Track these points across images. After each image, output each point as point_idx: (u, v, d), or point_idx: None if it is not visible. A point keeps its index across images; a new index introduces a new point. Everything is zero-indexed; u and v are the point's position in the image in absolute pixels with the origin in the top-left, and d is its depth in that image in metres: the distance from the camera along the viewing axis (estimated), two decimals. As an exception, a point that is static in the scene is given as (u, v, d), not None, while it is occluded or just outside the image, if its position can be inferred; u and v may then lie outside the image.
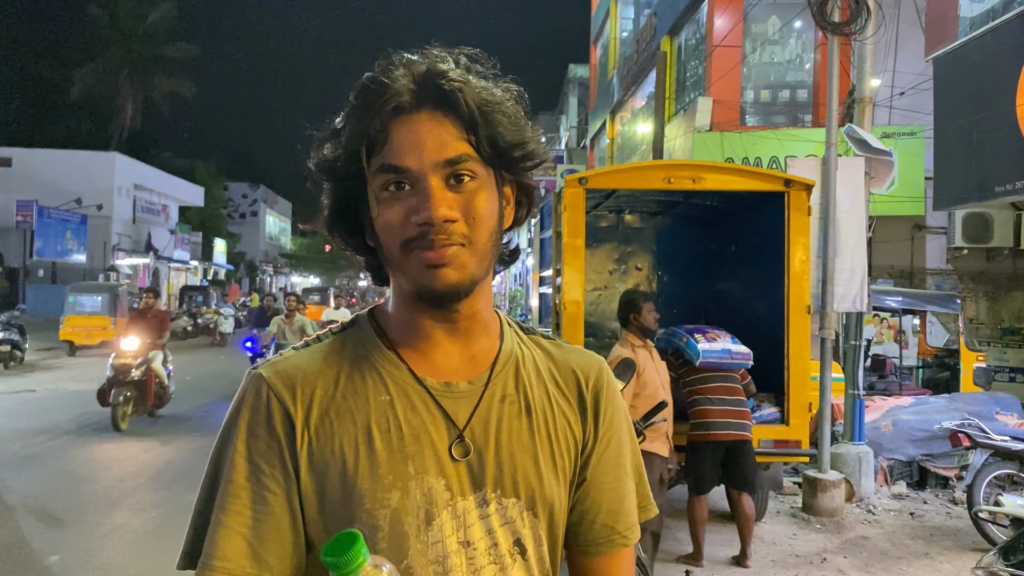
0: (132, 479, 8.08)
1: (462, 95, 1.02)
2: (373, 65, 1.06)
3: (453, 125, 1.02)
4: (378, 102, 1.02)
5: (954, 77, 9.73)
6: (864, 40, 7.94)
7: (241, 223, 60.74)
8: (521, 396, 1.12)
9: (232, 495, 1.02)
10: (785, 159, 10.20)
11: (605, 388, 1.18)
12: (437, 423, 1.06)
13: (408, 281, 1.05)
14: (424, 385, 1.07)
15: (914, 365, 12.07)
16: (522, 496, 1.08)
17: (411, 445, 1.04)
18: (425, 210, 1.00)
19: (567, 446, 1.13)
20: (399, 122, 1.02)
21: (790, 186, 6.67)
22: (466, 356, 1.11)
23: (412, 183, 1.02)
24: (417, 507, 1.02)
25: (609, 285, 8.92)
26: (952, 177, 9.84)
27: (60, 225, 30.69)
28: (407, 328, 1.10)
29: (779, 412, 6.63)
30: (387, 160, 1.02)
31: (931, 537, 6.86)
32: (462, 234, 1.01)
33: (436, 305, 1.06)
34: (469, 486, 1.06)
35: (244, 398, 1.06)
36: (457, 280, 1.02)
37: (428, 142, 1.01)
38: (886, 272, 13.69)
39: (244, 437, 1.04)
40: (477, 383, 1.10)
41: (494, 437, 1.08)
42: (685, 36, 18.53)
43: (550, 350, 1.20)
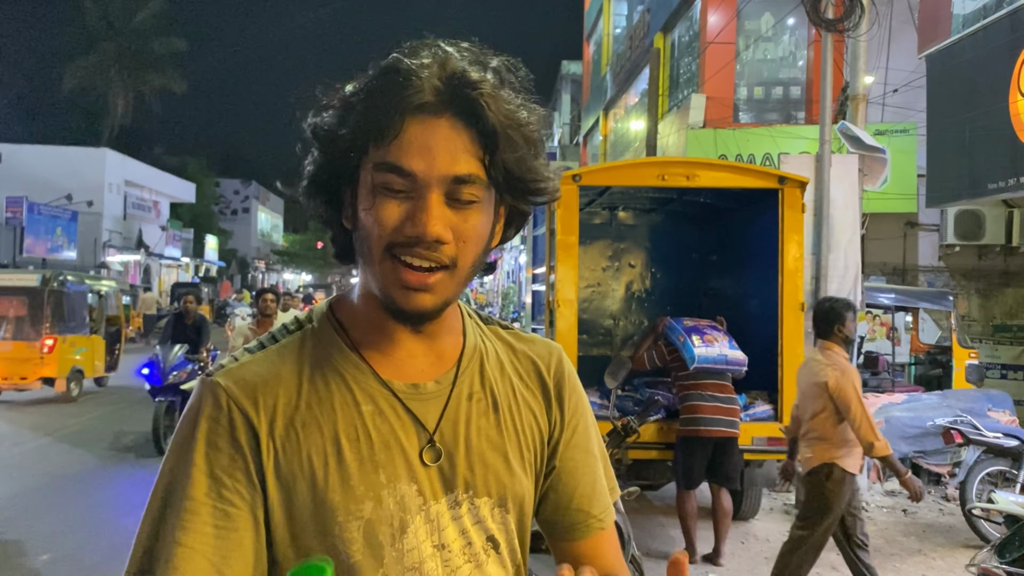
0: (126, 476, 8.04)
1: (488, 111, 0.95)
2: (386, 50, 0.99)
3: (470, 139, 0.96)
4: (400, 94, 0.95)
5: (947, 74, 9.74)
6: (857, 37, 7.94)
7: (233, 220, 60.48)
8: (488, 392, 1.09)
9: (191, 512, 0.95)
10: (778, 156, 10.20)
11: (566, 376, 1.17)
12: (407, 428, 1.03)
13: (379, 288, 0.99)
14: (391, 388, 1.03)
15: (907, 362, 12.09)
16: (493, 494, 1.06)
17: (381, 453, 1.01)
18: (420, 224, 0.94)
19: (533, 438, 1.12)
20: (416, 121, 0.95)
21: (784, 183, 6.67)
22: (432, 355, 1.08)
23: (413, 189, 0.96)
24: (391, 516, 1.00)
25: (602, 282, 8.90)
26: (945, 174, 9.85)
27: (50, 221, 30.52)
28: (370, 327, 1.05)
29: (772, 409, 6.63)
30: (394, 159, 0.95)
31: (924, 534, 6.87)
32: (449, 256, 0.97)
33: (402, 322, 1.02)
34: (441, 489, 1.03)
35: (201, 408, 0.99)
36: (431, 305, 0.99)
37: (440, 151, 0.95)
38: (879, 269, 13.71)
39: (203, 450, 0.97)
40: (444, 382, 1.07)
41: (464, 437, 1.06)
42: (678, 33, 18.52)
43: (510, 341, 1.18)
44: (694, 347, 6.02)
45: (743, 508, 6.96)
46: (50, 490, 7.63)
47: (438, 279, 0.97)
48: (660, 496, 7.63)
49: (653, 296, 8.96)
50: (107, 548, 5.92)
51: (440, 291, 0.98)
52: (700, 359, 5.98)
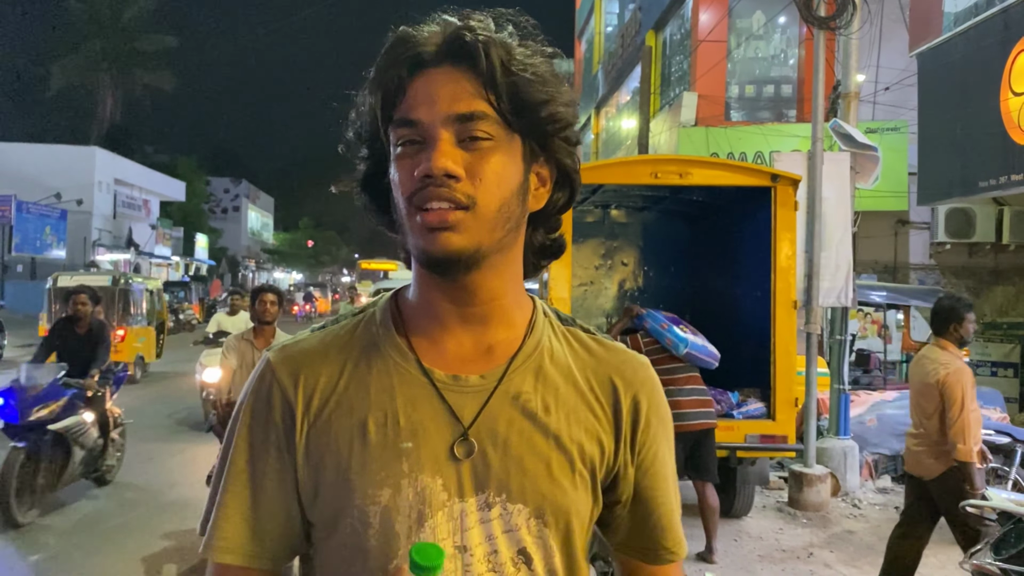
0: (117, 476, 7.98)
1: (484, 49, 0.96)
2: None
3: (472, 81, 0.96)
4: (401, 53, 0.98)
5: (938, 72, 9.77)
6: (849, 35, 7.95)
7: (223, 218, 60.26)
8: (539, 396, 1.03)
9: (233, 477, 1.03)
10: (770, 154, 10.21)
11: (647, 396, 1.09)
12: (439, 419, 1.00)
13: (413, 245, 0.98)
14: (430, 377, 1.01)
15: (898, 359, 12.13)
16: (530, 502, 1.00)
17: (407, 441, 0.98)
18: (426, 161, 0.94)
19: (592, 454, 1.04)
20: (419, 76, 0.98)
21: (776, 181, 6.66)
22: (481, 347, 1.03)
23: (423, 137, 0.96)
24: (409, 506, 0.97)
25: (595, 280, 8.89)
26: (936, 172, 9.88)
27: (39, 220, 30.36)
28: (422, 312, 1.04)
29: (765, 407, 6.63)
30: (402, 114, 0.97)
31: (916, 531, 6.87)
32: (465, 193, 0.94)
33: (438, 272, 0.98)
34: (471, 487, 0.99)
35: (253, 382, 1.06)
36: (458, 245, 0.95)
37: (442, 95, 0.96)
38: (870, 267, 13.75)
39: (248, 421, 1.04)
40: (490, 378, 1.02)
41: (502, 438, 1.00)
42: (670, 31, 18.53)
43: (589, 346, 1.10)
44: (682, 334, 6.00)
45: (736, 506, 6.96)
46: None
47: (459, 218, 0.94)
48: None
49: (646, 294, 8.95)
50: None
51: (466, 231, 0.95)
52: (691, 345, 5.97)
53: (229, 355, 5.53)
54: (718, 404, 6.73)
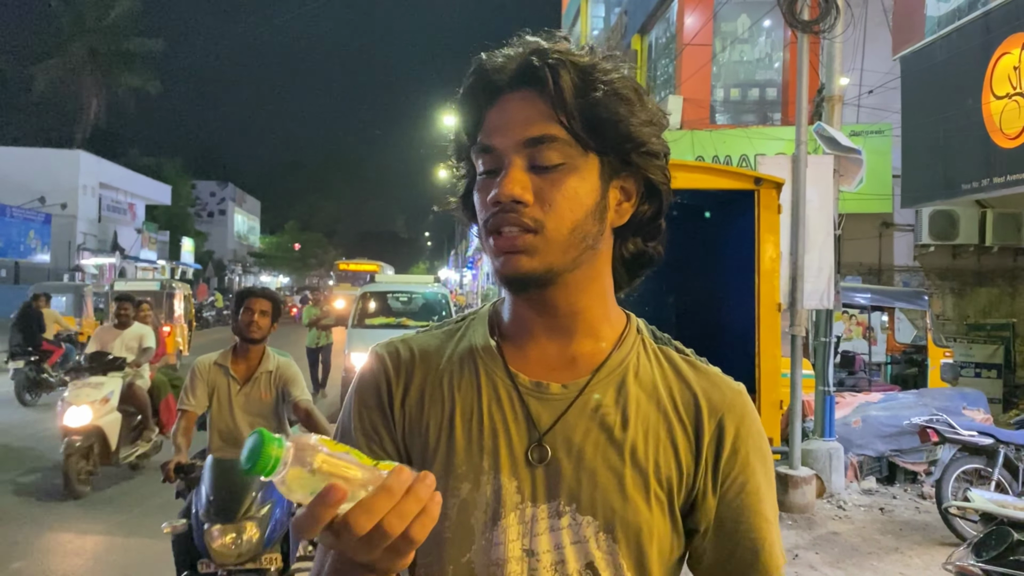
0: (100, 484, 7.92)
1: (553, 71, 0.97)
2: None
3: (544, 104, 0.98)
4: (475, 82, 1.03)
5: (921, 76, 9.83)
6: (833, 38, 7.98)
7: (209, 222, 60.01)
8: (619, 410, 1.02)
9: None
10: (755, 157, 10.25)
11: (736, 423, 1.05)
12: (519, 423, 1.02)
13: (491, 266, 1.04)
14: (514, 380, 1.04)
15: (883, 361, 12.18)
16: (599, 516, 0.99)
17: (489, 440, 1.02)
18: (496, 188, 0.97)
19: (667, 474, 1.02)
20: (495, 106, 1.01)
21: (760, 184, 6.68)
22: (565, 357, 1.05)
23: (498, 164, 0.99)
24: (486, 503, 1.00)
25: (581, 283, 8.89)
26: (919, 175, 9.94)
27: (23, 224, 30.13)
28: (512, 320, 1.09)
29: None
30: (480, 140, 1.01)
31: (901, 532, 6.91)
32: (533, 218, 0.96)
33: (513, 291, 1.04)
34: (543, 494, 1.00)
35: (361, 373, 1.11)
36: (528, 268, 0.98)
37: (514, 121, 0.99)
38: (855, 269, 13.82)
39: (358, 410, 1.08)
40: (571, 388, 1.03)
41: (577, 448, 1.01)
42: (655, 34, 18.58)
43: (678, 366, 1.09)
44: None
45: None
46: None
47: (528, 242, 0.97)
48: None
49: (631, 297, 8.93)
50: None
51: (536, 254, 0.97)
52: None
53: (194, 388, 4.12)
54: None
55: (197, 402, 4.12)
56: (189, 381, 4.14)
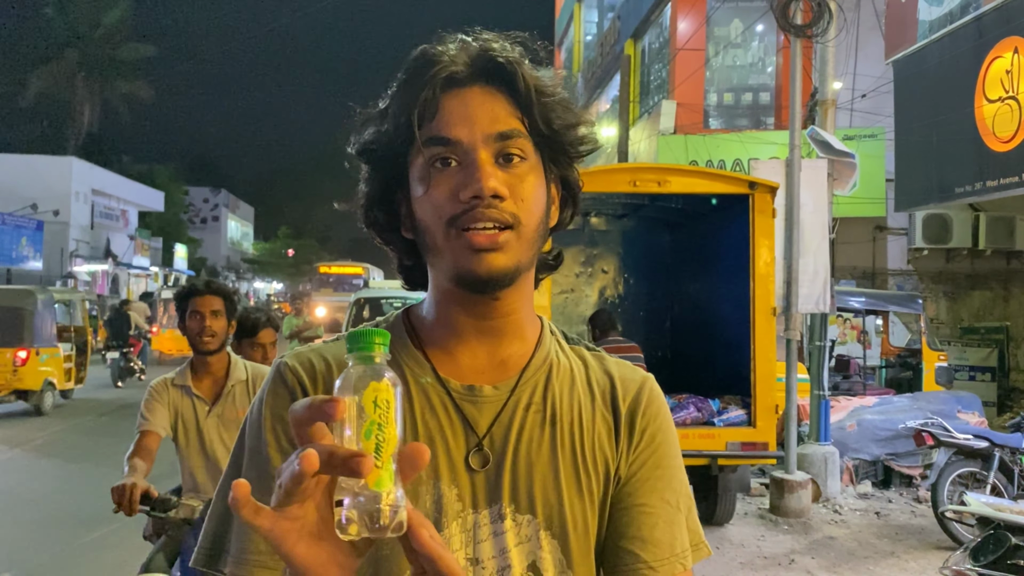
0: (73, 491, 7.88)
1: (519, 71, 0.98)
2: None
3: (506, 101, 0.98)
4: (430, 72, 0.97)
5: (914, 80, 9.85)
6: (826, 43, 8.00)
7: (202, 228, 59.92)
8: (548, 406, 1.03)
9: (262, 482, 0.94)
10: (749, 161, 10.25)
11: (646, 406, 1.07)
12: (455, 429, 1.00)
13: (449, 266, 0.97)
14: (446, 387, 1.01)
15: (877, 365, 12.19)
16: (539, 514, 0.99)
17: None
18: (475, 182, 0.93)
19: (595, 463, 1.03)
20: (451, 95, 0.97)
21: (754, 188, 6.68)
22: (495, 360, 1.04)
23: (461, 157, 0.95)
24: (426, 514, 0.95)
25: (576, 288, 8.88)
26: (913, 179, 9.96)
27: (15, 231, 30.01)
28: (437, 325, 1.04)
29: (746, 414, 6.63)
30: (436, 132, 0.96)
31: (896, 536, 6.90)
32: (511, 213, 0.95)
33: (477, 291, 0.98)
34: (484, 499, 0.98)
35: (268, 387, 1.01)
36: (503, 265, 0.95)
37: (480, 115, 0.96)
38: (848, 273, 13.83)
39: (271, 426, 0.98)
40: (503, 388, 1.02)
41: (513, 447, 1.00)
42: (649, 39, 18.61)
43: (591, 362, 1.11)
44: None
45: (717, 513, 6.95)
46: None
47: (506, 238, 0.95)
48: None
49: (627, 301, 8.96)
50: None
51: (510, 251, 0.95)
52: None
53: (151, 409, 3.36)
54: (699, 412, 6.72)
55: (157, 421, 3.31)
56: (144, 403, 3.36)
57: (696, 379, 7.43)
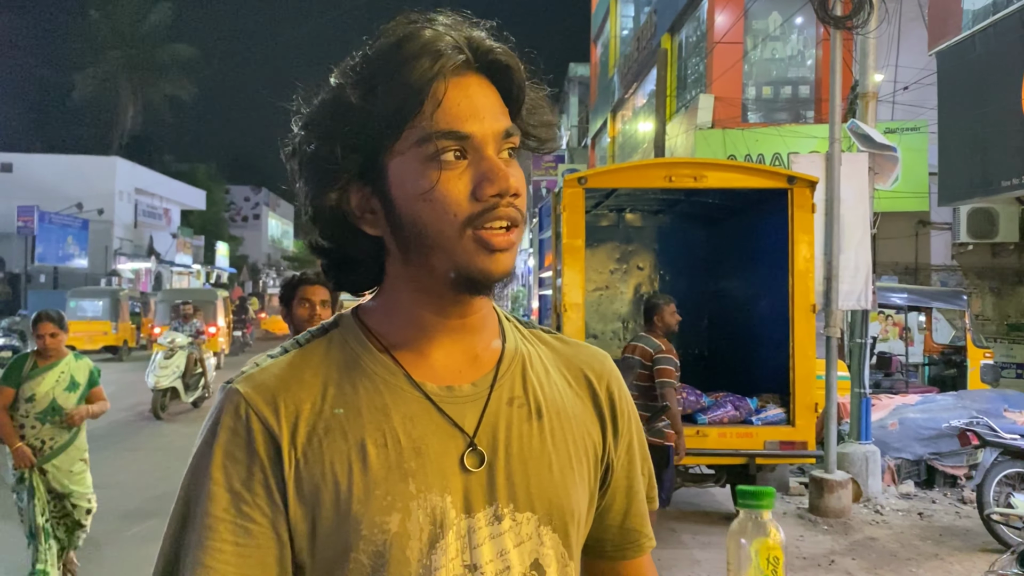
0: (120, 486, 8.00)
1: (514, 67, 0.96)
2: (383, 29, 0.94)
3: (498, 97, 0.95)
4: (435, 58, 0.90)
5: (958, 71, 9.63)
6: (867, 34, 7.84)
7: (243, 226, 60.68)
8: (531, 398, 1.00)
9: (211, 529, 0.89)
10: (788, 156, 10.11)
11: (617, 386, 1.10)
12: (441, 433, 0.94)
13: (455, 266, 0.92)
14: (423, 391, 0.95)
15: (920, 362, 11.97)
16: (538, 509, 0.96)
17: (411, 461, 0.92)
18: (500, 179, 0.90)
19: (585, 450, 1.03)
20: (453, 83, 0.92)
21: (793, 183, 6.59)
22: (469, 356, 1.00)
23: (471, 152, 0.91)
24: (420, 529, 0.91)
25: (611, 285, 8.83)
26: (957, 172, 9.74)
27: (61, 230, 30.67)
28: (405, 325, 0.98)
29: (784, 413, 6.55)
30: (444, 125, 0.90)
31: (940, 538, 6.76)
32: (521, 212, 0.93)
33: (478, 292, 0.95)
34: (481, 500, 0.94)
35: (220, 418, 0.93)
36: (511, 264, 0.94)
37: (486, 109, 0.93)
38: (891, 269, 13.59)
39: (221, 463, 0.91)
40: (481, 385, 0.98)
41: (504, 444, 0.96)
42: (686, 33, 18.44)
43: (555, 346, 1.09)
44: None
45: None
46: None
47: (517, 235, 0.93)
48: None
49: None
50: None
51: (514, 249, 0.94)
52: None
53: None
54: (736, 410, 6.65)
55: None
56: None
57: (734, 377, 7.36)
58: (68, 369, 5.02)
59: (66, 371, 5.01)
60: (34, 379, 4.91)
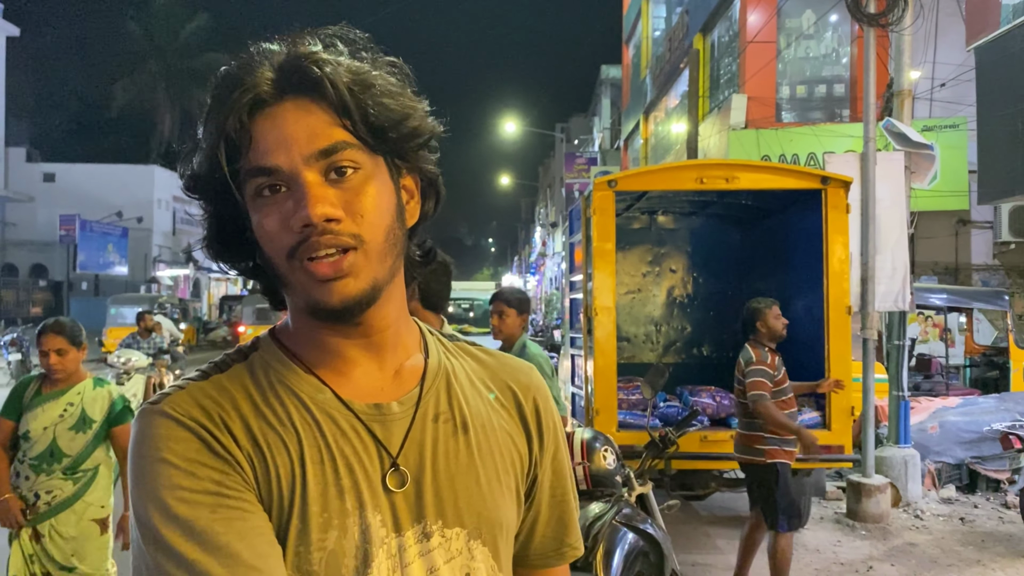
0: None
1: (329, 75, 0.89)
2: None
3: (324, 112, 0.90)
4: (233, 96, 0.89)
5: (997, 66, 9.45)
6: (901, 31, 7.71)
7: (279, 232, 61.43)
8: (456, 413, 1.00)
9: (212, 532, 0.83)
10: (823, 155, 9.98)
11: (543, 398, 1.11)
12: (369, 451, 0.94)
13: (302, 300, 0.92)
14: (351, 409, 0.95)
15: (961, 364, 11.74)
16: (467, 524, 0.97)
17: (346, 478, 0.92)
18: (302, 210, 0.86)
19: (511, 462, 1.04)
20: (262, 117, 0.89)
21: (827, 183, 6.51)
22: (388, 373, 0.99)
23: (287, 183, 0.88)
24: (355, 547, 0.90)
25: (643, 288, 8.78)
26: (997, 169, 9.56)
27: (102, 238, 31.25)
28: (315, 347, 0.97)
29: (820, 416, 6.46)
30: (253, 162, 0.89)
31: (983, 543, 6.61)
32: (351, 234, 0.88)
33: (336, 320, 0.93)
34: (408, 519, 0.94)
35: (156, 437, 0.87)
36: (357, 291, 0.90)
37: (297, 134, 0.89)
38: (930, 269, 13.37)
39: (189, 471, 0.85)
40: (407, 403, 0.98)
41: (431, 462, 0.96)
42: (718, 33, 18.31)
43: (482, 359, 1.10)
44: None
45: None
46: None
47: (351, 261, 0.89)
48: (706, 506, 7.47)
49: (696, 301, 8.82)
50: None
51: (361, 273, 0.90)
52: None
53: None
54: (771, 413, 6.55)
55: None
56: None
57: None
58: (80, 400, 3.78)
59: (76, 402, 3.77)
60: (33, 410, 3.72)
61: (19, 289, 30.86)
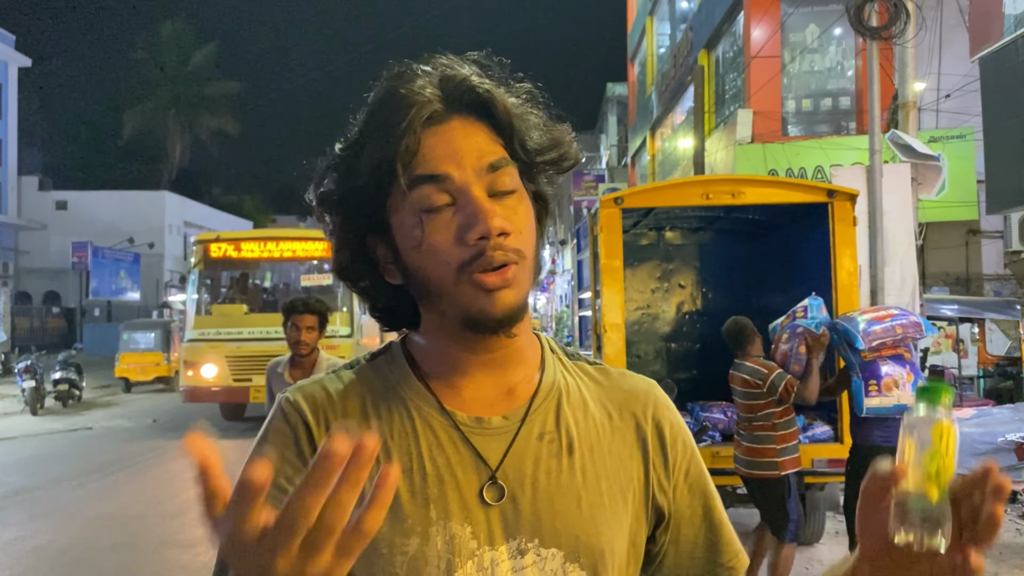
0: (182, 515, 8.13)
1: (493, 99, 0.95)
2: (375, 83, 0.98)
3: (487, 131, 0.95)
4: (408, 114, 0.92)
5: (1001, 77, 9.47)
6: (905, 44, 7.75)
7: (290, 255, 61.63)
8: (563, 433, 1.00)
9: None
10: (830, 168, 9.99)
11: (664, 414, 1.07)
12: (465, 463, 0.95)
13: (460, 310, 0.94)
14: (453, 420, 0.97)
15: (975, 375, 11.68)
16: (564, 545, 0.95)
17: (434, 487, 0.94)
18: (480, 222, 0.90)
19: (622, 487, 1.01)
20: (431, 132, 0.93)
21: (833, 196, 6.51)
22: (502, 389, 1.00)
23: (454, 196, 0.92)
24: (438, 556, 0.92)
25: (652, 304, 8.77)
26: (1005, 179, 9.55)
27: (114, 264, 31.46)
28: (438, 360, 1.00)
29: (832, 430, 6.43)
30: (423, 170, 0.92)
31: (999, 555, 6.56)
32: (515, 249, 0.92)
33: (491, 332, 0.95)
34: (501, 534, 0.94)
35: (271, 423, 0.98)
36: (514, 302, 0.93)
37: (466, 149, 0.93)
38: (940, 280, 13.31)
39: (270, 459, 0.92)
40: (512, 418, 0.98)
41: (531, 479, 0.96)
42: (722, 49, 18.39)
43: (597, 378, 1.08)
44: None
45: (806, 532, 6.73)
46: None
47: (514, 272, 0.92)
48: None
49: (705, 316, 8.79)
50: None
51: (518, 284, 0.93)
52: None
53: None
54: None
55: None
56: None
57: (779, 394, 7.24)
58: None
59: None
60: None
61: (33, 316, 31.08)
